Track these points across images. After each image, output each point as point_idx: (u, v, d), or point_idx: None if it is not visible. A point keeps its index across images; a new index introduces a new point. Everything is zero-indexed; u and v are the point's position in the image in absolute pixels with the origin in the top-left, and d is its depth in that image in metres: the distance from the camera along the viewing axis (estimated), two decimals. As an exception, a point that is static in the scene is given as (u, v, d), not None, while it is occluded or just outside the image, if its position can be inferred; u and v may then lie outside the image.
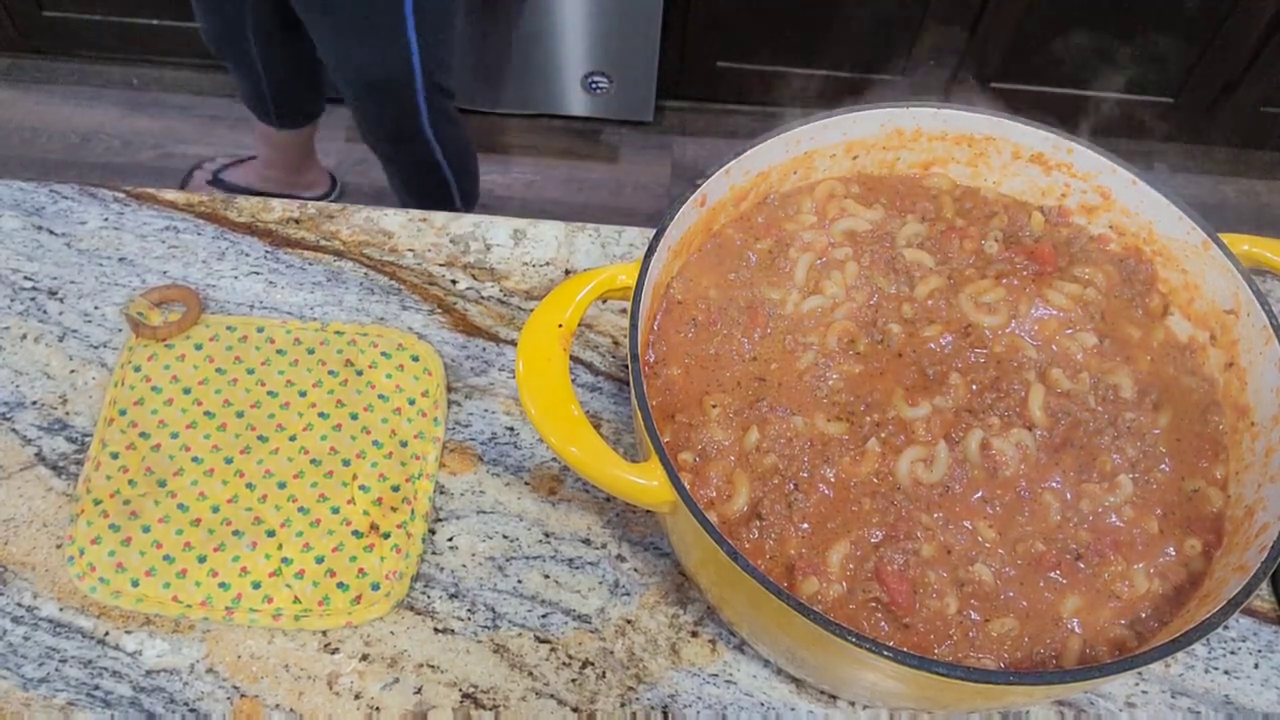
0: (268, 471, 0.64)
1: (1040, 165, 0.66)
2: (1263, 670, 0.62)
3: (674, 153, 2.06)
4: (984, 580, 0.52)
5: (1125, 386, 0.59)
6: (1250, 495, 0.54)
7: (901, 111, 0.65)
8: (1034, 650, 0.50)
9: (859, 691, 0.54)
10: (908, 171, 0.69)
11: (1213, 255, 0.60)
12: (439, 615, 0.61)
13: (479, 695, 0.58)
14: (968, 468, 0.55)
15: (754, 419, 0.56)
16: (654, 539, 0.65)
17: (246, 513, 0.63)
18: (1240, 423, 0.58)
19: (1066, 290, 0.62)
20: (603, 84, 1.93)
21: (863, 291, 0.62)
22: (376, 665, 0.59)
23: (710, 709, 0.59)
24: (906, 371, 0.59)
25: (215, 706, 0.57)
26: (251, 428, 0.66)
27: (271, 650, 0.59)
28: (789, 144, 0.63)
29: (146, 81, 2.08)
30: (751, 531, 0.52)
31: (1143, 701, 0.60)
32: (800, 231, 0.65)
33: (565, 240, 0.79)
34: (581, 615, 0.61)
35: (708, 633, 0.61)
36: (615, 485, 0.50)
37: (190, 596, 0.60)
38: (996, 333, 0.60)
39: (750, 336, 0.60)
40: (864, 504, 0.54)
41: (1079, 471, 0.56)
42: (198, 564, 0.61)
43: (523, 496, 0.66)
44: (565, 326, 0.54)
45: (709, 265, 0.63)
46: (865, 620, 0.51)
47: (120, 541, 0.61)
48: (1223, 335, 0.60)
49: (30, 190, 0.78)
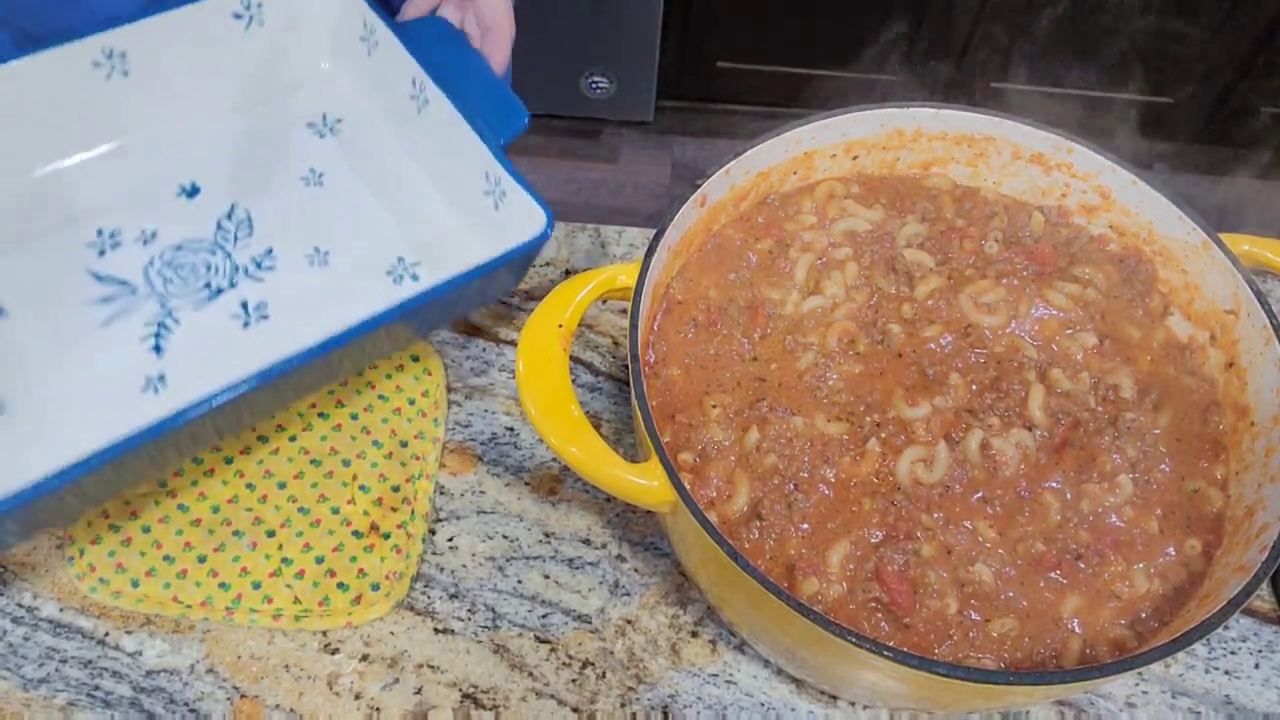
0: (268, 472, 0.64)
1: (1040, 165, 0.66)
2: (1263, 670, 0.62)
3: (674, 153, 2.06)
4: (984, 580, 0.52)
5: (1125, 387, 0.59)
6: (1250, 495, 0.54)
7: (901, 112, 0.65)
8: (1034, 650, 0.50)
9: (859, 692, 0.54)
10: (908, 172, 0.69)
11: (1213, 255, 0.60)
12: (439, 615, 0.61)
13: (479, 695, 0.58)
14: (968, 468, 0.55)
15: (754, 419, 0.56)
16: (654, 539, 0.65)
17: (246, 513, 0.63)
18: (1240, 423, 0.58)
19: (1066, 290, 0.62)
20: (603, 84, 1.93)
21: (863, 292, 0.62)
22: (376, 665, 0.59)
23: (710, 709, 0.59)
24: (906, 372, 0.59)
25: (215, 707, 0.57)
26: (251, 428, 0.66)
27: (272, 650, 0.59)
28: (789, 144, 0.64)
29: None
30: (751, 531, 0.52)
31: (1143, 702, 0.60)
32: (800, 232, 0.65)
33: (565, 240, 0.79)
34: (582, 615, 0.61)
35: (708, 633, 0.61)
36: (615, 485, 0.50)
37: (190, 597, 0.60)
38: (996, 333, 0.60)
39: (750, 337, 0.60)
40: (864, 504, 0.54)
41: (1079, 472, 0.56)
42: (198, 564, 0.61)
43: (523, 497, 0.66)
44: (565, 327, 0.54)
45: (709, 265, 0.63)
46: (865, 620, 0.51)
47: (120, 542, 0.61)
48: (1223, 335, 0.60)
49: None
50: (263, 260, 0.67)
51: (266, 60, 0.73)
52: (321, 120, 0.74)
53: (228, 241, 0.67)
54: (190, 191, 0.69)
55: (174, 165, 0.70)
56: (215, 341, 0.64)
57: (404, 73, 0.69)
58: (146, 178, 0.69)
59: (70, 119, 0.67)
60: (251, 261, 0.67)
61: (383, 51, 0.70)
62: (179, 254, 0.66)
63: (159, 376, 0.61)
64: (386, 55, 0.70)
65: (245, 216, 0.69)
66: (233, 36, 0.71)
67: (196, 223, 0.68)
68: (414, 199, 0.71)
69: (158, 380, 0.61)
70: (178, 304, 0.64)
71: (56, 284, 0.64)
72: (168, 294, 0.65)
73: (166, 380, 0.61)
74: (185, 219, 0.68)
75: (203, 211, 0.69)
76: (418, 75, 0.68)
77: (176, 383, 0.61)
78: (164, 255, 0.66)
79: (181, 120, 0.72)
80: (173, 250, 0.66)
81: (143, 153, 0.70)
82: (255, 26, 0.71)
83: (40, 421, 0.59)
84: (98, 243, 0.66)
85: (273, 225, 0.69)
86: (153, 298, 0.64)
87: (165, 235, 0.67)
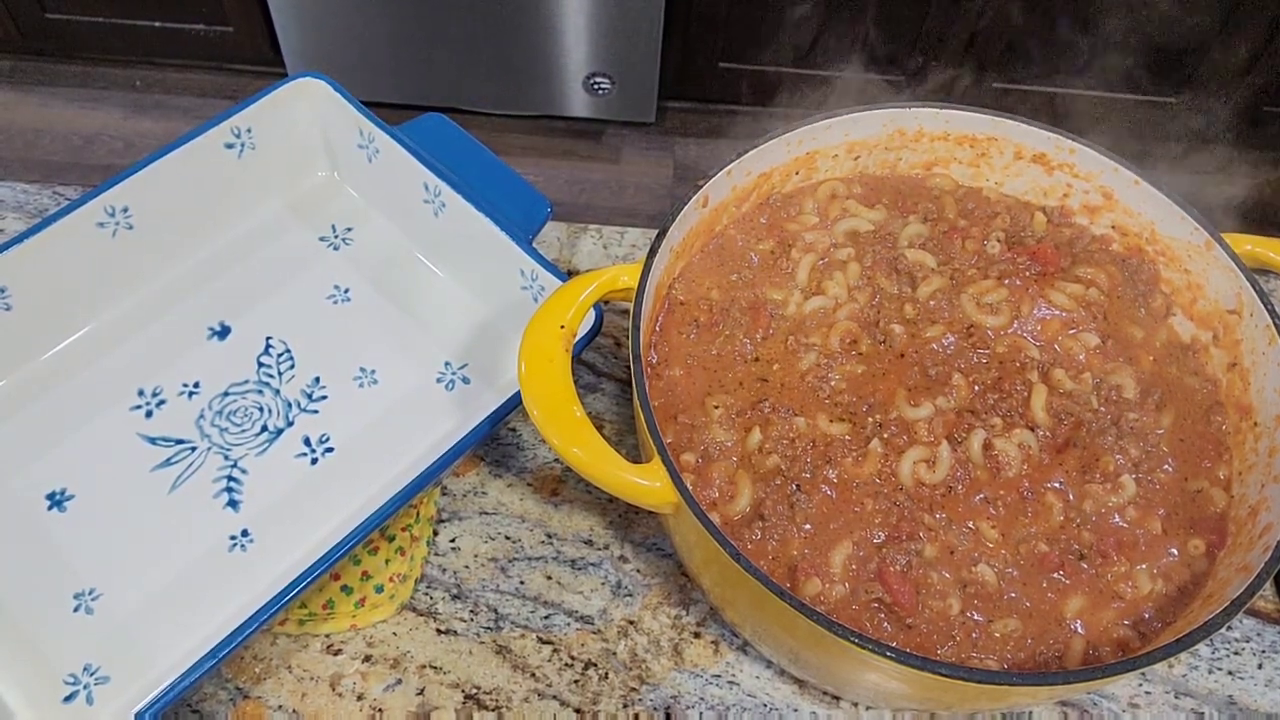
0: (271, 474, 0.64)
1: (1042, 165, 0.66)
2: (1266, 671, 0.62)
3: (676, 153, 2.06)
4: (987, 581, 0.52)
5: (1128, 387, 0.59)
6: (1254, 495, 0.54)
7: (903, 112, 0.65)
8: (1037, 651, 0.50)
9: (862, 692, 0.54)
10: (910, 172, 0.69)
11: (1215, 255, 0.60)
12: (441, 616, 0.61)
13: (482, 696, 0.58)
14: (970, 468, 0.55)
15: (756, 420, 0.56)
16: (656, 540, 0.65)
17: (249, 515, 0.63)
18: (1243, 423, 0.58)
19: (1069, 290, 0.62)
20: (604, 85, 1.93)
21: (865, 292, 0.62)
22: (379, 666, 0.59)
23: (713, 710, 0.59)
24: (909, 372, 0.59)
25: (218, 708, 0.57)
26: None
27: (274, 651, 0.59)
28: (791, 144, 0.64)
29: (149, 83, 2.08)
30: (754, 532, 0.52)
31: (1146, 702, 0.60)
32: (802, 232, 0.65)
33: (567, 241, 0.79)
34: (584, 616, 0.61)
35: (710, 634, 0.61)
36: (618, 486, 0.50)
37: (194, 599, 0.60)
38: (999, 333, 0.60)
39: (752, 337, 0.60)
40: (866, 505, 0.54)
41: (1082, 472, 0.55)
42: (201, 566, 0.61)
43: (525, 498, 0.66)
44: (567, 327, 0.54)
45: (711, 266, 0.63)
46: (868, 621, 0.50)
47: (124, 544, 0.61)
48: (1226, 335, 0.60)
49: (33, 193, 0.78)
50: (313, 391, 0.65)
51: (267, 182, 0.72)
52: (332, 232, 0.73)
53: (273, 378, 0.65)
54: (221, 333, 0.67)
55: (197, 309, 0.69)
56: (288, 484, 0.62)
57: (413, 178, 0.68)
58: (173, 328, 0.68)
59: (85, 285, 0.66)
60: (303, 394, 0.65)
61: (385, 158, 0.69)
62: (228, 400, 0.64)
63: (242, 532, 0.60)
64: (390, 161, 0.69)
65: (284, 349, 0.67)
66: (228, 167, 0.69)
67: (236, 364, 0.66)
68: (444, 301, 0.70)
69: (242, 536, 0.60)
70: (240, 452, 0.63)
71: (111, 456, 0.62)
72: (227, 444, 0.63)
73: (251, 534, 0.60)
74: (224, 363, 0.66)
75: (239, 352, 0.67)
76: (429, 180, 0.67)
77: (261, 535, 0.60)
78: (213, 405, 0.64)
79: (193, 260, 0.70)
80: (220, 398, 0.64)
81: (162, 303, 0.68)
82: (249, 152, 0.70)
83: (141, 605, 0.57)
84: (142, 404, 0.64)
85: (312, 353, 0.67)
86: (213, 450, 0.63)
87: (209, 384, 0.65)
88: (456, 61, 1.89)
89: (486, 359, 0.68)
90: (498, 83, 1.94)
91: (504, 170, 0.70)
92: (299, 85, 0.70)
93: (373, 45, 1.86)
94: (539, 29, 1.82)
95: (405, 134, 0.69)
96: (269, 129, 0.70)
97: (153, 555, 0.59)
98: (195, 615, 0.57)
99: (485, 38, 1.84)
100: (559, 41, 1.84)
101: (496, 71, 1.91)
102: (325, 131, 0.73)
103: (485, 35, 1.83)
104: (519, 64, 1.90)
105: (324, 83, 0.70)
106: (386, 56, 1.88)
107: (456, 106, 1.99)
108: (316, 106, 0.71)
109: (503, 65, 1.90)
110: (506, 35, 1.83)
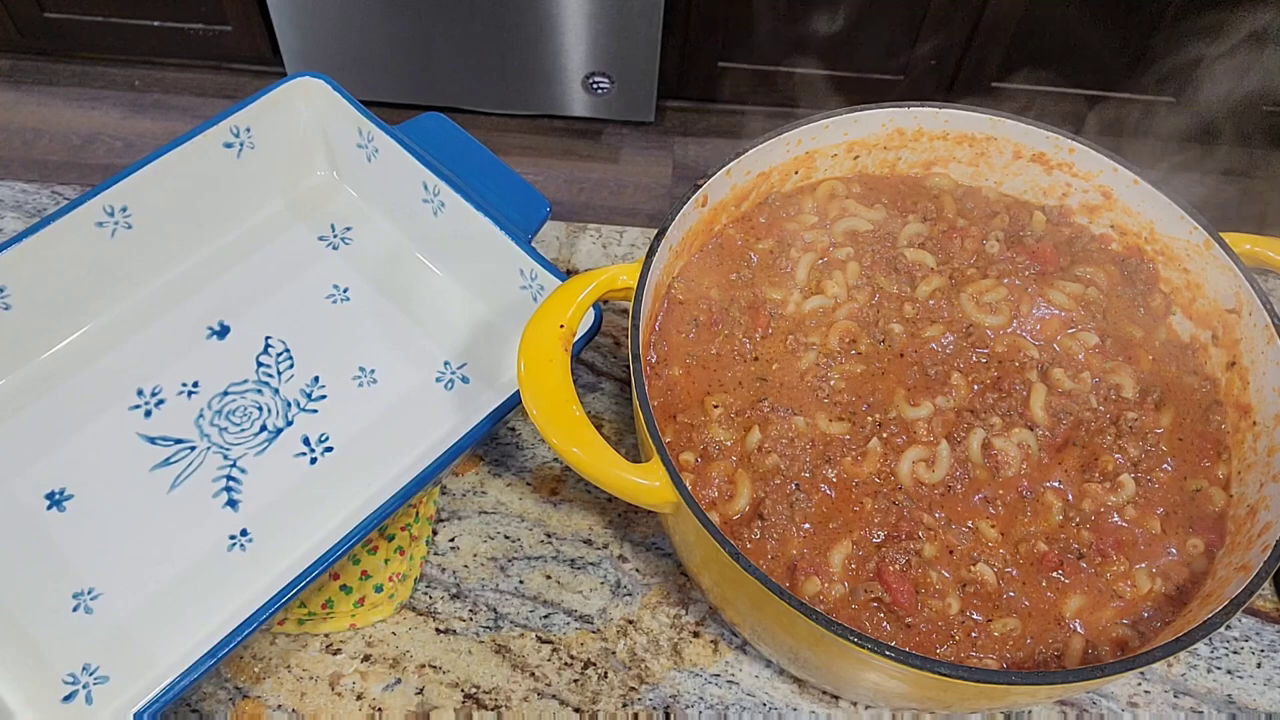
0: (270, 473, 0.64)
1: (1042, 165, 0.66)
2: (1265, 670, 0.62)
3: (675, 153, 2.06)
4: (986, 580, 0.52)
5: (1127, 386, 0.59)
6: (1253, 494, 0.54)
7: (903, 111, 0.65)
8: (1036, 650, 0.50)
9: (861, 692, 0.54)
10: (909, 171, 0.69)
11: (1215, 254, 0.60)
12: (441, 616, 0.61)
13: (481, 696, 0.58)
14: (970, 467, 0.55)
15: (756, 419, 0.56)
16: (656, 539, 0.65)
17: (249, 515, 0.63)
18: (1242, 422, 0.58)
19: (1068, 290, 0.62)
20: (604, 84, 1.93)
21: (864, 291, 0.62)
22: (378, 666, 0.59)
23: (712, 709, 0.59)
24: (908, 371, 0.59)
25: (217, 707, 0.57)
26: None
27: (274, 651, 0.59)
28: (790, 144, 0.64)
29: (148, 83, 2.08)
30: (753, 532, 0.52)
31: (1145, 701, 0.60)
32: (802, 231, 0.65)
33: (566, 241, 0.79)
34: (583, 616, 0.61)
35: (710, 633, 0.61)
36: (617, 486, 0.50)
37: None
38: (998, 332, 0.60)
39: (752, 337, 0.60)
40: (866, 504, 0.54)
41: (1081, 471, 0.55)
42: (200, 566, 0.61)
43: (524, 497, 0.66)
44: (567, 327, 0.54)
45: (710, 265, 0.63)
46: (867, 620, 0.51)
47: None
48: (1225, 334, 0.60)
49: (32, 192, 0.78)
50: (312, 391, 0.65)
51: (266, 182, 0.72)
52: (331, 231, 0.72)
53: (272, 378, 0.65)
54: (220, 332, 0.67)
55: (196, 309, 0.68)
56: (287, 483, 0.62)
57: (412, 177, 0.68)
58: (172, 327, 0.68)
59: (84, 285, 0.66)
60: (302, 394, 0.65)
61: (384, 157, 0.69)
62: (227, 400, 0.64)
63: (241, 531, 0.60)
64: (389, 160, 0.69)
65: (283, 348, 0.67)
66: (227, 166, 0.69)
67: (235, 364, 0.66)
68: (443, 301, 0.70)
69: (241, 536, 0.60)
70: (239, 452, 0.63)
71: (111, 455, 0.62)
72: (226, 444, 0.63)
73: (250, 534, 0.60)
74: (223, 362, 0.66)
75: (238, 351, 0.67)
76: (428, 179, 0.67)
77: (260, 534, 0.60)
78: (212, 404, 0.64)
79: (192, 260, 0.70)
80: (219, 398, 0.64)
81: (161, 303, 0.68)
82: (248, 151, 0.70)
83: (140, 605, 0.57)
84: (141, 404, 0.64)
85: (312, 352, 0.67)
86: (212, 450, 0.63)
87: (208, 383, 0.65)
88: (456, 61, 1.89)
89: (486, 358, 0.68)
90: (497, 82, 1.94)
91: (503, 170, 0.69)
92: (298, 85, 0.70)
93: (372, 45, 1.86)
94: (538, 28, 1.82)
95: (404, 133, 0.69)
96: (268, 128, 0.70)
97: (152, 555, 0.59)
98: (194, 615, 0.57)
99: (484, 37, 1.84)
100: (558, 41, 1.84)
101: (496, 71, 1.91)
102: (324, 131, 0.72)
103: (484, 35, 1.83)
104: (518, 63, 1.90)
105: (323, 82, 0.70)
106: (386, 56, 1.88)
107: (456, 106, 1.99)
108: (315, 106, 0.71)
109: (502, 65, 1.90)
110: (506, 35, 1.83)
